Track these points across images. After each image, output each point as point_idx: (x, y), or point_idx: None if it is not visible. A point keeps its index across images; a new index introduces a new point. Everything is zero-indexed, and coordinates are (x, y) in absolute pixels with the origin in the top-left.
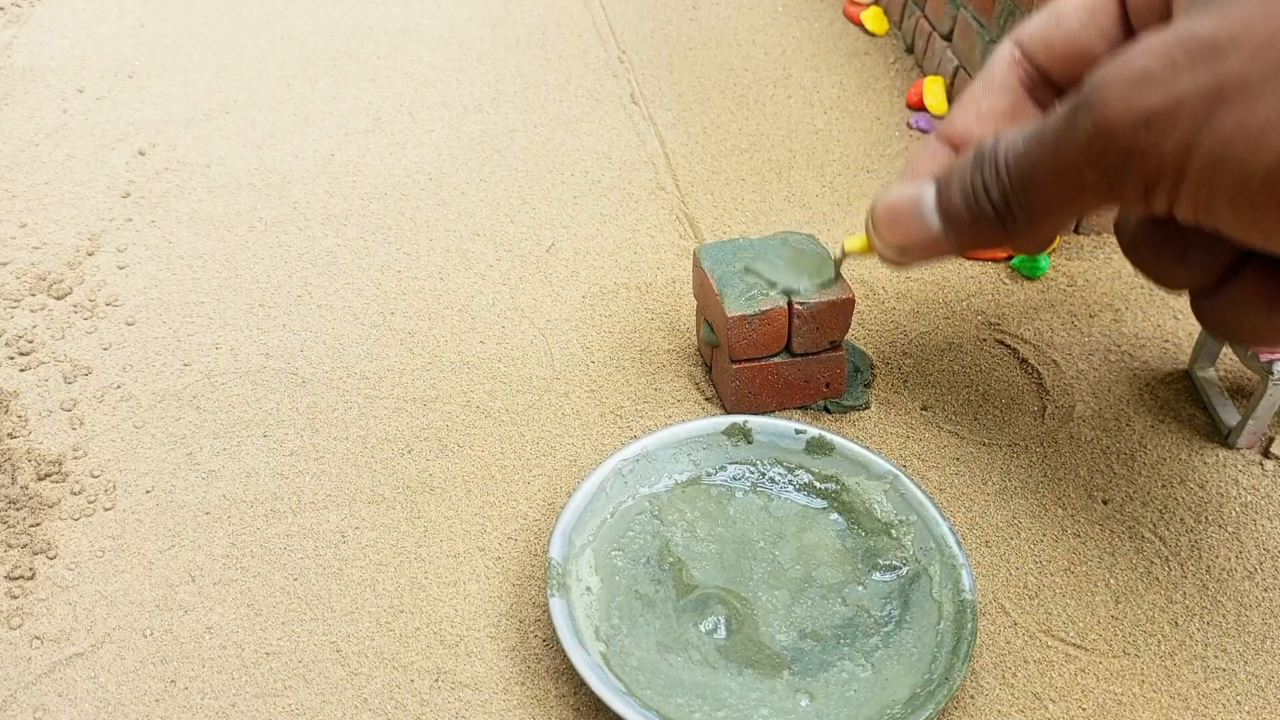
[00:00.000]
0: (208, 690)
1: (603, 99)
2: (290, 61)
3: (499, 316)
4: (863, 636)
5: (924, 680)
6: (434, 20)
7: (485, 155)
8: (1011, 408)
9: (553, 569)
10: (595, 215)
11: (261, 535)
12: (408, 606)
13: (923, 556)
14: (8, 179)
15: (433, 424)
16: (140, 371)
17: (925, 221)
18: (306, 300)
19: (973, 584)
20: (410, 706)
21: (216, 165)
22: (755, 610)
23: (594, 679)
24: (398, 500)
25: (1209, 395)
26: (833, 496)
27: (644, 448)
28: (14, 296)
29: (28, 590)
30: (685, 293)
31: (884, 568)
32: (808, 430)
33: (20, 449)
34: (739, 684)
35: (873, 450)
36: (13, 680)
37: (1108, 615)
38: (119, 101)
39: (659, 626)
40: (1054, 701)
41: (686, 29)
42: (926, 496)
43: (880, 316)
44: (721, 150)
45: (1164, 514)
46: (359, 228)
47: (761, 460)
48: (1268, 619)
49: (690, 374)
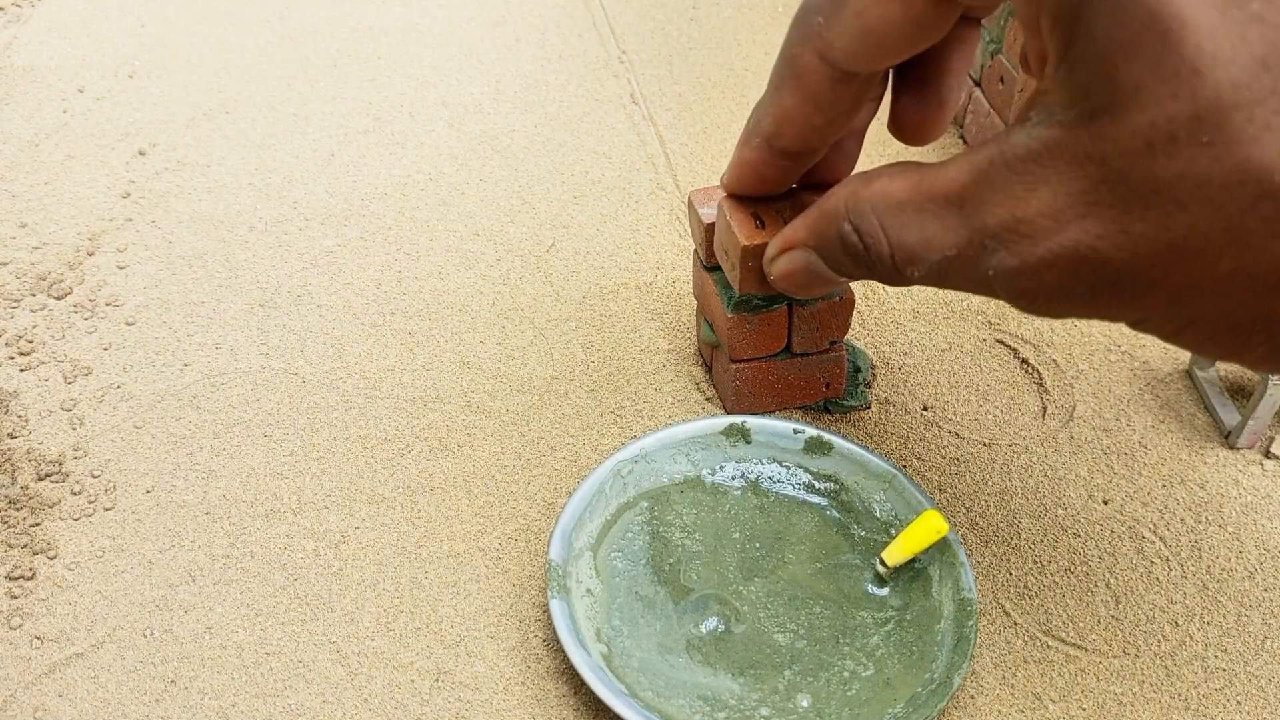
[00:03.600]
0: (208, 690)
1: (603, 99)
2: (290, 61)
3: (499, 316)
4: (863, 636)
5: (925, 680)
6: (434, 20)
7: (485, 155)
8: (1011, 408)
9: (553, 571)
10: (595, 215)
11: (261, 535)
12: (408, 606)
13: (922, 556)
14: (8, 179)
15: (433, 424)
16: (140, 371)
17: (828, 276)
18: (306, 300)
19: (973, 583)
20: (410, 706)
21: (216, 165)
22: (755, 610)
23: (595, 680)
24: (398, 500)
25: (1209, 395)
26: (832, 496)
27: (642, 448)
28: (14, 296)
29: (28, 590)
30: (685, 293)
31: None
32: (806, 430)
33: (20, 449)
34: (739, 684)
35: (871, 450)
36: (13, 680)
37: (1108, 615)
38: (119, 101)
39: (659, 628)
40: (1054, 701)
41: (686, 29)
42: (926, 496)
43: (880, 316)
44: (722, 150)
45: (1164, 514)
46: (359, 228)
47: (760, 460)
48: (1268, 619)
49: (690, 374)
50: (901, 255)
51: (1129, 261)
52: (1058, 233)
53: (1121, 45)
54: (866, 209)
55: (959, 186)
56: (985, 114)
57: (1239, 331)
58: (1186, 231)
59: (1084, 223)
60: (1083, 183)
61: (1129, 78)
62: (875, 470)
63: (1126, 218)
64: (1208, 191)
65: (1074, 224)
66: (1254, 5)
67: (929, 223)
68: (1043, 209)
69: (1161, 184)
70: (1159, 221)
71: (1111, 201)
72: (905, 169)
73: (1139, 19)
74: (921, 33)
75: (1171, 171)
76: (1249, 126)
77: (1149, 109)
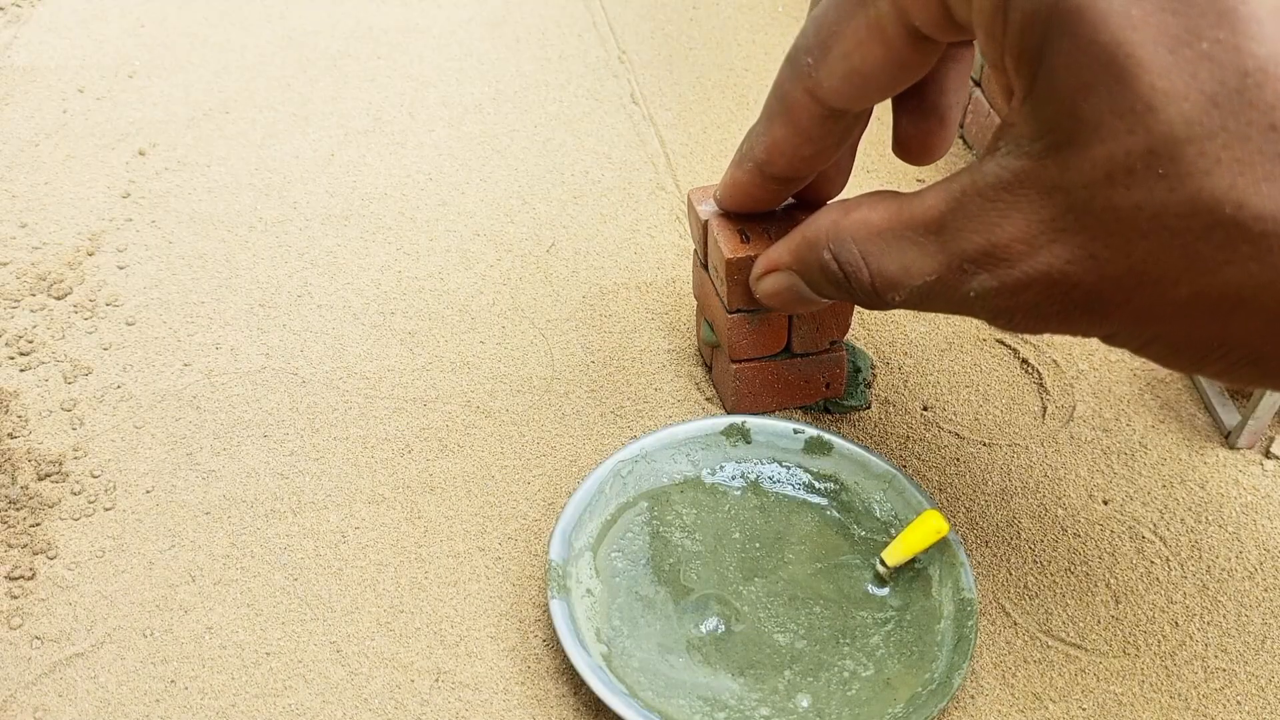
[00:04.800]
0: (208, 690)
1: (603, 99)
2: (290, 61)
3: (499, 316)
4: (862, 636)
5: (925, 680)
6: (434, 20)
7: (485, 155)
8: (1011, 408)
9: (553, 571)
10: (595, 215)
11: (261, 535)
12: (408, 606)
13: (922, 556)
14: (8, 179)
15: (433, 424)
16: (140, 371)
17: (810, 298)
18: (306, 300)
19: (972, 583)
20: (410, 706)
21: (216, 165)
22: (755, 610)
23: (596, 681)
24: (398, 500)
25: (1209, 395)
26: (832, 496)
27: (642, 448)
28: (14, 296)
29: (28, 590)
30: (685, 293)
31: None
32: (806, 430)
33: (20, 449)
34: (739, 684)
35: (871, 450)
36: (13, 680)
37: (1108, 615)
38: (119, 101)
39: (659, 628)
40: (1054, 701)
41: (686, 29)
42: (925, 496)
43: (880, 316)
44: (721, 150)
45: (1164, 514)
46: (359, 228)
47: (760, 460)
48: (1268, 619)
49: (690, 374)
50: (882, 282)
51: (1096, 284)
52: (1031, 257)
53: (1081, 83)
54: (847, 238)
55: (937, 214)
56: (985, 114)
57: (1198, 350)
58: (1146, 257)
59: (1054, 248)
60: (1051, 210)
61: (1088, 113)
62: (875, 470)
63: (1092, 244)
64: (1164, 220)
65: (1045, 249)
66: (1203, 44)
67: (908, 250)
68: (1016, 235)
69: (1122, 213)
70: (1121, 248)
71: (1078, 229)
72: (884, 198)
73: (1096, 59)
74: (905, 73)
75: (1130, 201)
76: (1201, 160)
77: (1107, 143)
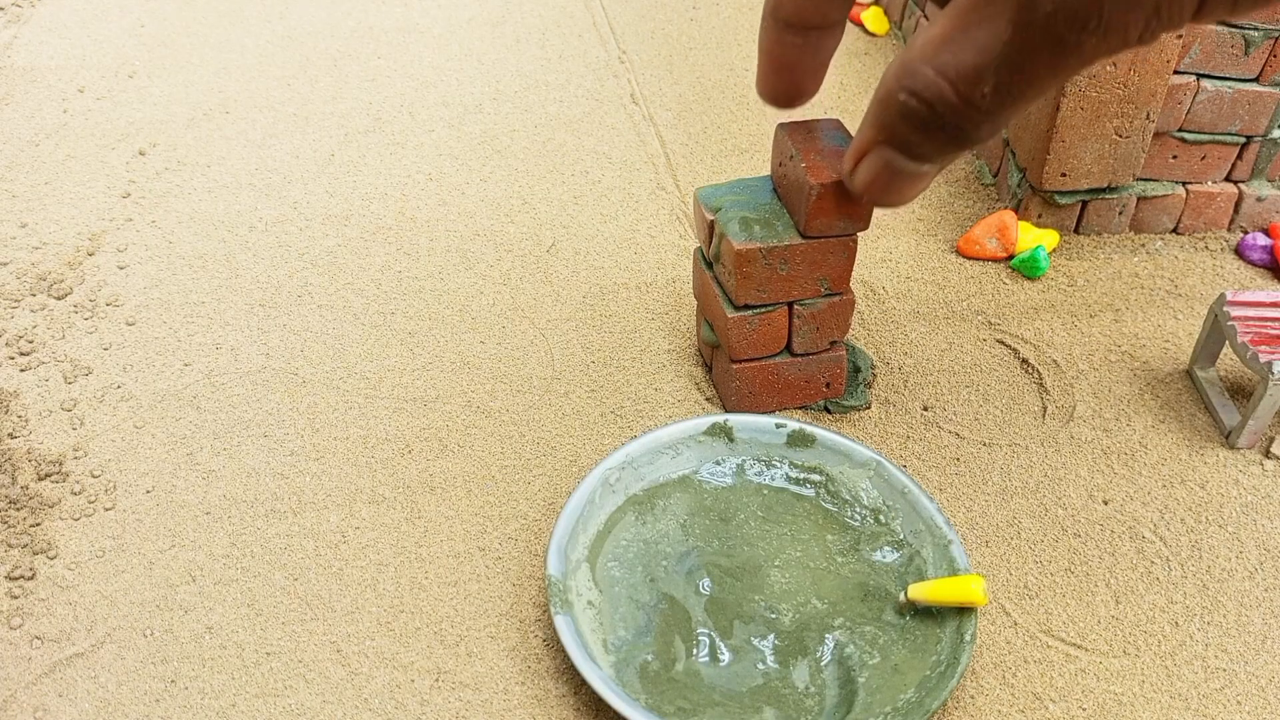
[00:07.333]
0: (208, 690)
1: (603, 99)
2: (290, 61)
3: (499, 316)
4: (864, 624)
5: (932, 663)
6: (434, 20)
7: (485, 155)
8: (1011, 408)
9: (553, 586)
10: (595, 215)
11: (261, 535)
12: (408, 606)
13: (914, 539)
14: (8, 179)
15: (433, 424)
16: (140, 371)
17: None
18: (306, 300)
19: (964, 556)
20: (410, 706)
21: (216, 165)
22: (755, 607)
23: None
24: (398, 500)
25: (1209, 395)
26: (819, 486)
27: (628, 455)
28: (14, 296)
29: (28, 590)
30: (685, 293)
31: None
32: (788, 424)
33: (20, 449)
34: (741, 684)
35: (854, 440)
36: (13, 680)
37: (1108, 615)
38: (119, 101)
39: (661, 629)
40: (1054, 701)
41: (686, 29)
42: (910, 480)
43: (880, 316)
44: (721, 150)
45: (1164, 514)
46: (359, 228)
47: (745, 456)
48: (1268, 619)
49: (690, 374)
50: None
51: None
52: None
53: None
54: (915, 66)
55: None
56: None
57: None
58: None
59: None
60: None
61: None
62: (859, 459)
63: None
64: None
65: None
66: None
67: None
68: None
69: None
70: None
71: None
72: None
73: None
74: None
75: None
76: None
77: None
